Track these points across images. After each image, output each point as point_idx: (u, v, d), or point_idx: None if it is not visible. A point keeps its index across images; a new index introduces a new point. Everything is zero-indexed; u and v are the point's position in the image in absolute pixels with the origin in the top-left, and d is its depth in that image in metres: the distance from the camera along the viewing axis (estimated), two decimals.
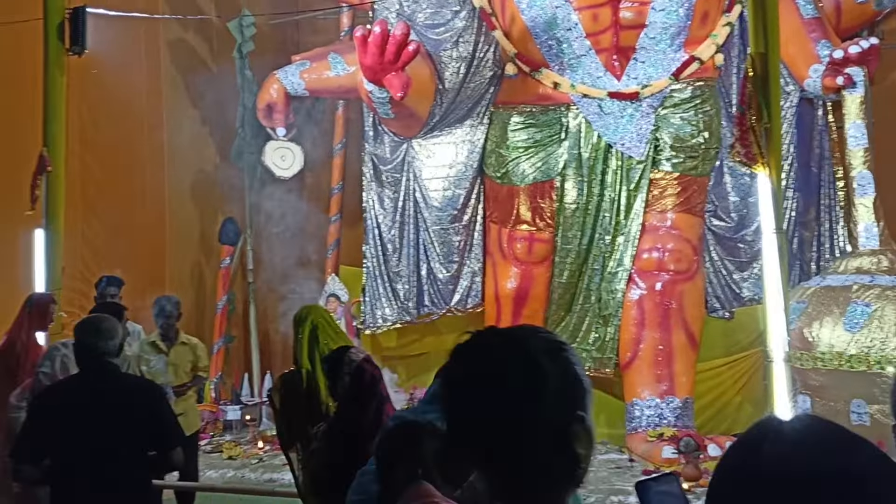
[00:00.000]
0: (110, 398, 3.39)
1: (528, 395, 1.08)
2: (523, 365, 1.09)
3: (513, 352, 1.10)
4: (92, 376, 3.42)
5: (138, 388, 3.54)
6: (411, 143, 6.77)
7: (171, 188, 7.52)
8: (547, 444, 1.09)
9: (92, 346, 3.37)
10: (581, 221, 6.39)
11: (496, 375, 1.09)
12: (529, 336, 1.15)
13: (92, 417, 3.34)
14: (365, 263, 6.98)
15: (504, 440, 1.08)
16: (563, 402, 1.11)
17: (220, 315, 7.45)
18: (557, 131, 6.43)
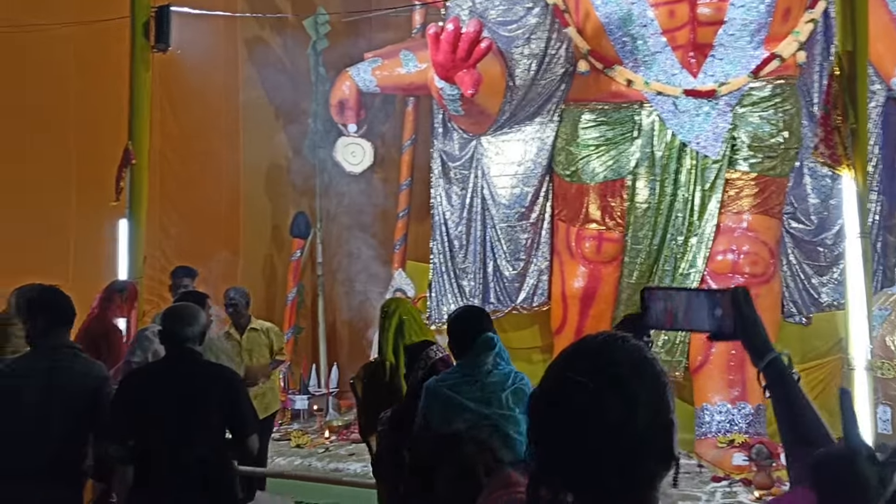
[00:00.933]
0: (190, 384, 3.50)
1: (622, 421, 1.11)
2: (615, 395, 1.11)
3: (605, 382, 1.12)
4: (174, 362, 3.53)
5: (217, 376, 3.62)
6: (480, 140, 6.78)
7: (246, 182, 7.74)
8: (643, 458, 1.13)
9: (174, 333, 3.48)
10: (653, 221, 6.28)
11: (589, 408, 1.12)
12: (616, 353, 1.16)
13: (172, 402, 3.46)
14: (432, 259, 7.03)
15: (599, 465, 1.11)
16: (653, 417, 1.13)
17: (289, 306, 7.63)
18: (630, 129, 6.33)
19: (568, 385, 1.15)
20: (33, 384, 3.15)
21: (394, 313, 3.71)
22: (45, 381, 3.16)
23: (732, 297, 1.40)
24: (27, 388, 3.16)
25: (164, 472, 3.47)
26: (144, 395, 3.49)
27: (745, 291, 1.43)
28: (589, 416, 1.12)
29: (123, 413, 3.49)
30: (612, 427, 1.11)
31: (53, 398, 3.18)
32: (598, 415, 1.11)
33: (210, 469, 3.48)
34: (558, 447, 1.14)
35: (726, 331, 1.41)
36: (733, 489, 5.26)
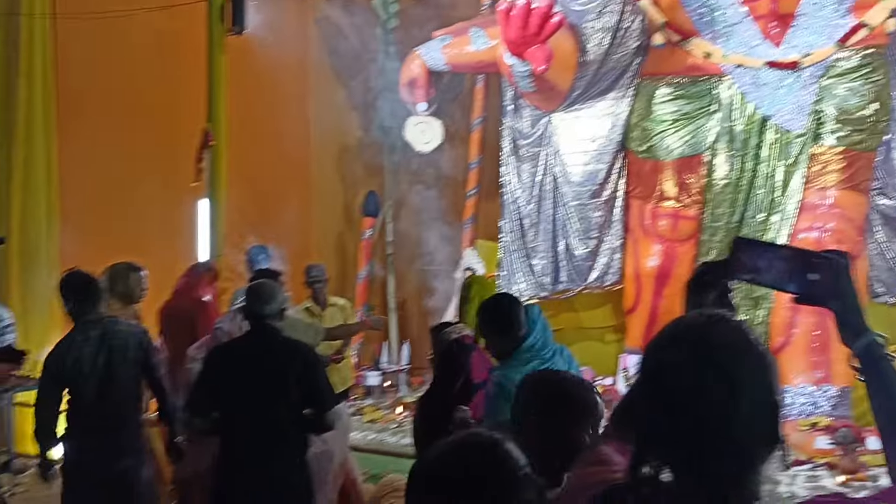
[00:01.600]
0: (270, 359, 3.61)
1: (725, 402, 1.11)
2: (718, 376, 1.10)
3: (708, 363, 1.11)
4: (255, 338, 3.65)
5: (295, 351, 3.71)
6: (551, 116, 6.68)
7: (316, 162, 7.84)
8: (751, 441, 1.13)
9: (254, 310, 3.59)
10: (732, 198, 6.09)
11: (692, 389, 1.11)
12: (719, 333, 1.14)
13: (253, 376, 3.57)
14: (501, 238, 7.00)
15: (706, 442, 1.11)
16: (758, 398, 1.13)
17: (361, 285, 7.73)
18: (708, 103, 6.13)
19: (670, 366, 1.14)
20: (92, 352, 3.57)
21: (475, 295, 3.75)
22: (105, 346, 3.60)
23: (835, 266, 1.30)
24: (89, 359, 3.57)
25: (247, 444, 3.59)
26: (227, 370, 3.62)
27: (847, 260, 1.32)
28: (691, 397, 1.10)
29: (207, 387, 3.62)
30: (714, 408, 1.09)
31: (113, 358, 3.61)
32: (700, 396, 1.09)
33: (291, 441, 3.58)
34: (660, 427, 1.13)
35: (817, 295, 1.31)
36: (816, 473, 5.12)
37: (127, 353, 3.68)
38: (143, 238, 6.18)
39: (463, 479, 1.25)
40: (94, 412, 3.63)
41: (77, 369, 3.59)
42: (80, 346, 3.62)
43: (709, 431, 1.10)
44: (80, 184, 6.27)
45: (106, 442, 3.62)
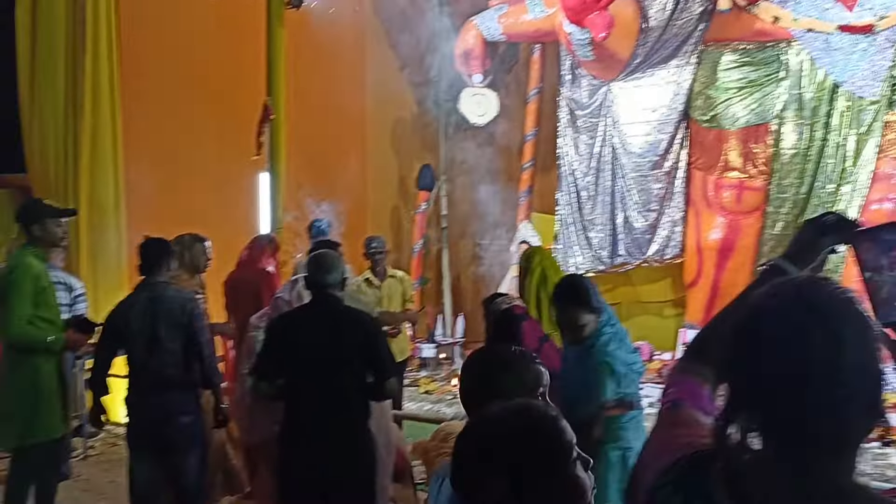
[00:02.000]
0: (333, 327, 3.63)
1: (827, 359, 1.01)
2: (820, 330, 1.01)
3: (809, 317, 1.03)
4: (317, 307, 3.68)
5: (358, 320, 3.74)
6: (611, 86, 6.54)
7: (373, 135, 7.84)
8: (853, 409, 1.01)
9: (316, 280, 3.61)
10: (800, 168, 5.89)
11: (792, 341, 1.02)
12: (822, 290, 1.06)
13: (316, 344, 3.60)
14: (558, 211, 6.92)
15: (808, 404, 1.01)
16: (861, 362, 1.03)
17: (416, 258, 7.74)
18: (776, 70, 5.92)
19: (770, 316, 1.05)
20: (140, 312, 3.68)
21: (536, 266, 3.70)
22: (151, 308, 3.69)
23: None
24: (137, 318, 3.68)
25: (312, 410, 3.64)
26: (291, 339, 3.66)
27: None
28: (795, 351, 1.02)
29: (272, 354, 3.68)
30: (819, 367, 1.00)
31: (159, 319, 3.69)
32: (805, 351, 1.01)
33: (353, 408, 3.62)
34: (755, 384, 1.04)
35: None
36: (884, 451, 4.96)
37: (172, 317, 3.76)
38: (206, 210, 6.28)
39: (514, 450, 1.23)
40: (143, 372, 3.78)
41: (127, 328, 3.73)
42: (131, 307, 3.75)
43: (811, 392, 1.01)
44: (144, 157, 6.39)
45: (156, 402, 3.74)
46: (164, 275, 3.88)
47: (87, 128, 6.33)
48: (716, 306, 6.24)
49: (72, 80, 6.32)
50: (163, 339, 3.73)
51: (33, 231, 3.86)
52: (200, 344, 3.84)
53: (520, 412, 1.30)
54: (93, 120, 6.31)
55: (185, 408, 3.84)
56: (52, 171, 6.56)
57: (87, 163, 6.36)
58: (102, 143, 6.36)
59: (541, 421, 1.28)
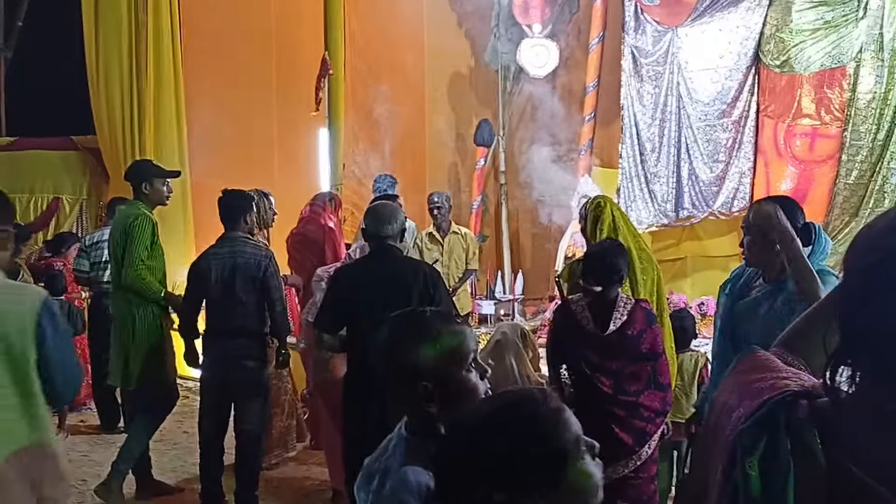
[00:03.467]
0: (393, 277, 3.63)
1: None
2: None
3: None
4: (377, 258, 3.68)
5: (418, 269, 3.72)
6: (677, 31, 6.30)
7: (430, 91, 7.77)
8: None
9: (374, 231, 3.61)
10: (878, 114, 5.59)
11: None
12: None
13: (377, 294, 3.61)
14: (621, 164, 6.75)
15: None
16: None
17: (474, 214, 7.70)
18: (853, 9, 5.60)
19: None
20: (220, 264, 3.87)
21: (605, 211, 3.63)
22: (230, 261, 3.87)
23: None
24: (216, 268, 3.88)
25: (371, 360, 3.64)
26: (352, 290, 3.67)
27: None
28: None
29: (333, 306, 3.70)
30: None
31: (236, 273, 3.87)
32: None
33: None
34: (877, 324, 0.98)
35: None
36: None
37: (248, 272, 3.88)
38: (268, 166, 6.37)
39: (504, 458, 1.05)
40: (217, 320, 3.92)
41: (207, 277, 3.87)
42: (212, 259, 3.89)
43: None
44: (206, 115, 6.50)
45: (223, 347, 3.89)
46: (242, 228, 4.00)
47: (150, 89, 6.47)
48: None
49: (135, 42, 6.45)
50: (238, 291, 3.89)
51: (142, 189, 4.13)
52: (273, 300, 3.96)
53: (507, 409, 1.10)
54: (156, 80, 6.44)
55: (251, 353, 3.97)
56: (120, 132, 6.76)
57: (151, 123, 6.51)
58: (166, 103, 6.50)
59: (534, 420, 1.08)
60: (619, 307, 3.14)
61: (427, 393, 1.55)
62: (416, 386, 1.55)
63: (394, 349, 1.61)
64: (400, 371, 1.58)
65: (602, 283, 3.16)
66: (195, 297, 4.02)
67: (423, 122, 7.77)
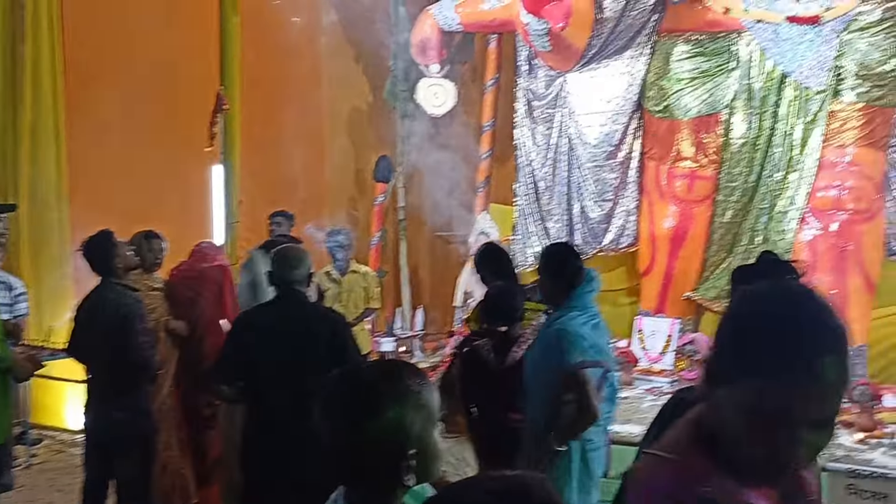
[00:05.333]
0: (297, 325, 3.52)
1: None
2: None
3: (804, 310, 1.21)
4: (281, 304, 3.57)
5: (324, 317, 3.64)
6: (566, 77, 6.59)
7: (328, 126, 7.76)
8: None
9: (280, 275, 3.52)
10: (749, 157, 6.04)
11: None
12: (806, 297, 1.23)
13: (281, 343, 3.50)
14: (516, 201, 6.95)
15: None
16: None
17: (373, 250, 7.70)
18: (727, 60, 6.05)
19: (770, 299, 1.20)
20: (88, 310, 3.83)
21: None
22: (95, 308, 3.82)
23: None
24: (84, 314, 3.86)
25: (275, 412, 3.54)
26: (253, 338, 3.55)
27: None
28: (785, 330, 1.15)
29: (233, 355, 3.57)
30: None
31: (102, 319, 3.80)
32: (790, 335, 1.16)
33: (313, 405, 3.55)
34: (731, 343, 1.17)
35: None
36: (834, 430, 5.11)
37: (108, 321, 3.76)
38: (158, 205, 6.15)
39: None
40: (90, 373, 3.76)
41: (81, 323, 3.71)
42: (81, 308, 3.78)
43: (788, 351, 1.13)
44: (90, 150, 6.22)
45: (95, 401, 3.73)
46: (113, 271, 3.83)
47: (26, 121, 6.13)
48: (669, 294, 6.37)
49: (10, 71, 6.11)
50: (101, 341, 3.70)
51: None
52: (128, 347, 3.78)
53: (517, 497, 1.02)
54: (33, 112, 6.12)
55: (121, 406, 3.79)
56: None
57: (27, 157, 6.15)
58: (44, 135, 6.17)
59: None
60: (520, 343, 3.34)
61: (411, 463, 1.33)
62: (403, 456, 1.32)
63: (368, 412, 1.34)
64: (381, 440, 1.32)
65: (506, 323, 3.35)
66: (74, 342, 3.90)
67: (321, 157, 7.74)
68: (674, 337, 6.09)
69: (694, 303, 6.30)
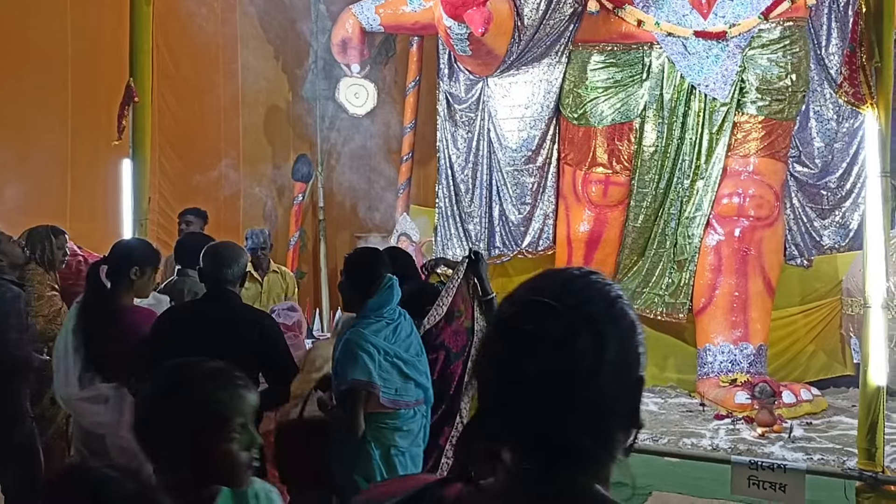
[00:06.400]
0: (225, 326, 3.37)
1: (590, 364, 0.91)
2: (585, 330, 0.92)
3: (575, 314, 0.93)
4: (210, 303, 3.43)
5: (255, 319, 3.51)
6: (487, 81, 6.69)
7: (245, 124, 7.59)
8: (605, 418, 0.93)
9: (211, 273, 3.38)
10: (659, 165, 6.28)
11: (556, 339, 0.91)
12: (592, 287, 0.97)
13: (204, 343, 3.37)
14: (437, 203, 7.00)
15: (556, 410, 0.90)
16: (623, 367, 0.95)
17: (291, 251, 7.59)
18: (639, 71, 6.28)
19: (534, 311, 0.92)
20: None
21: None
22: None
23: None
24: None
25: None
26: (177, 336, 3.41)
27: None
28: (553, 350, 0.90)
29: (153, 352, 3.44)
30: (576, 367, 0.90)
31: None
32: (562, 350, 0.90)
33: None
34: (509, 389, 0.92)
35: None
36: (736, 426, 5.39)
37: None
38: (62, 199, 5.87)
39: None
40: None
41: None
42: None
43: (564, 397, 0.89)
44: None
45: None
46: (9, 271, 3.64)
47: None
48: None
49: None
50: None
51: None
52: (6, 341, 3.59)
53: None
54: None
55: (12, 409, 3.59)
56: None
57: None
58: None
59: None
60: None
61: (175, 457, 1.50)
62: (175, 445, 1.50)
63: (153, 403, 1.56)
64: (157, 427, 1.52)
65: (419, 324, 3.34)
66: None
67: (237, 154, 7.56)
68: None
69: None
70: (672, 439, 5.13)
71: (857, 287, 5.80)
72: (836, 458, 4.61)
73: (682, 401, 6.10)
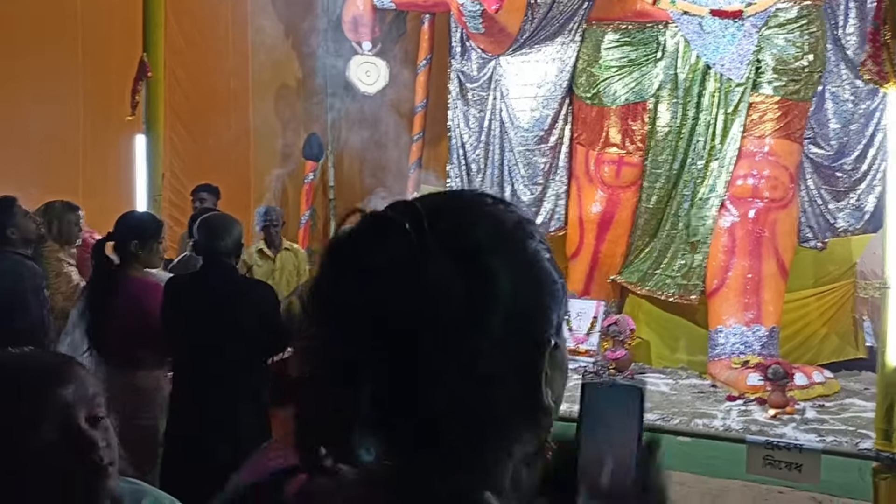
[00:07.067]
0: (223, 297, 3.45)
1: (465, 313, 0.66)
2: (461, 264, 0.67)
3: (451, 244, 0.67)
4: (207, 275, 3.48)
5: (253, 290, 3.57)
6: (499, 60, 6.63)
7: (256, 102, 7.56)
8: (495, 383, 0.66)
9: (206, 245, 3.42)
10: (673, 145, 6.23)
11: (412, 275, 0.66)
12: (482, 210, 0.71)
13: (203, 315, 3.41)
14: (448, 183, 6.97)
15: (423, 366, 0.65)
16: (512, 321, 0.67)
17: (302, 229, 7.57)
18: (654, 50, 6.21)
19: (371, 230, 0.68)
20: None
21: None
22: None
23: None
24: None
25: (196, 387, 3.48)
26: (176, 308, 3.46)
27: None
28: (393, 285, 0.65)
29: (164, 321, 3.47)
30: (430, 314, 0.65)
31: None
32: (406, 286, 0.65)
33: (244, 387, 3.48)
34: (347, 346, 0.66)
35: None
36: (748, 408, 5.38)
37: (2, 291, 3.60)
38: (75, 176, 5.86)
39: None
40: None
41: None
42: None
43: (427, 359, 0.64)
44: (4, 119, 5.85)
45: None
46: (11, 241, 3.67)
47: None
48: (595, 276, 6.54)
49: None
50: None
51: None
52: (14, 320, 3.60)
53: None
54: None
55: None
56: None
57: None
58: None
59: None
60: None
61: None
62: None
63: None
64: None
65: None
66: None
67: (248, 132, 7.53)
68: (599, 318, 6.26)
69: (618, 285, 6.49)
70: (683, 420, 5.11)
71: (872, 270, 5.77)
72: (850, 439, 4.60)
73: (694, 382, 6.08)
